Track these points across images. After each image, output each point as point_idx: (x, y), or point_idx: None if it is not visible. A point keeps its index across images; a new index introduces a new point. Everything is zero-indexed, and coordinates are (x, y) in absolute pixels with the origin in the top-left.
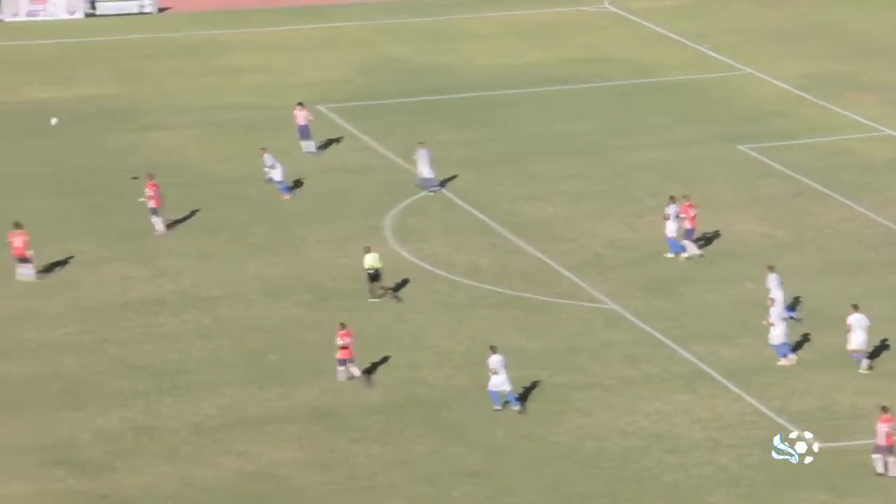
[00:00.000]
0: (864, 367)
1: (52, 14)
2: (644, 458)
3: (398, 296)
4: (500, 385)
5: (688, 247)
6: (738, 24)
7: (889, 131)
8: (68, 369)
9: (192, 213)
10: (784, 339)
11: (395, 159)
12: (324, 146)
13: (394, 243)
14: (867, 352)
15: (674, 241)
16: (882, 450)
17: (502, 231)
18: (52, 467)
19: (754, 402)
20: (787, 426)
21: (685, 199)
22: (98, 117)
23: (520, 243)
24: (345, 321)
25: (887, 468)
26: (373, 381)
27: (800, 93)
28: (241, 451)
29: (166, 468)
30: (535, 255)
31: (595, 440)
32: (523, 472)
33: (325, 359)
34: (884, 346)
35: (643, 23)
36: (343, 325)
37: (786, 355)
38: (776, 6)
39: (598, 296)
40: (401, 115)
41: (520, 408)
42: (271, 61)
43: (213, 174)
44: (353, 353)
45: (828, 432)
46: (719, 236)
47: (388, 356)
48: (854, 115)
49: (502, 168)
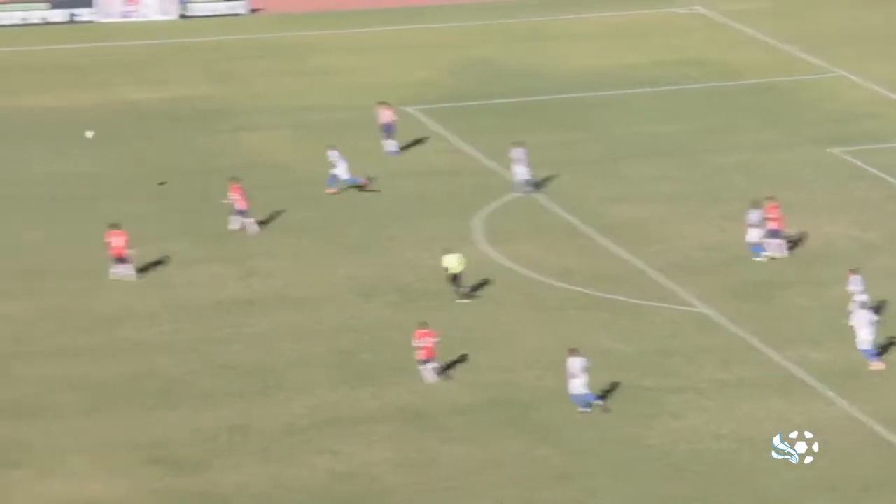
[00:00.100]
0: None
1: (145, 15)
2: (736, 462)
3: (475, 295)
4: (580, 388)
5: (770, 246)
6: (828, 25)
7: None
8: (163, 368)
9: (283, 214)
10: (871, 344)
11: (485, 161)
12: (413, 147)
13: (483, 244)
14: None
15: (757, 247)
16: None
17: (592, 233)
18: (148, 465)
19: (846, 407)
20: (880, 431)
21: (769, 200)
22: (190, 118)
23: (609, 245)
24: (434, 321)
25: None
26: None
27: (892, 95)
28: (332, 451)
29: (259, 467)
30: (625, 257)
31: (687, 444)
32: (613, 475)
33: (415, 359)
34: None
35: (733, 24)
36: (423, 325)
37: (875, 359)
38: (868, 7)
39: (689, 299)
40: (490, 117)
41: (602, 404)
42: (361, 62)
43: (304, 175)
44: (434, 354)
45: None
46: (810, 239)
47: (476, 357)
48: None
49: (592, 170)
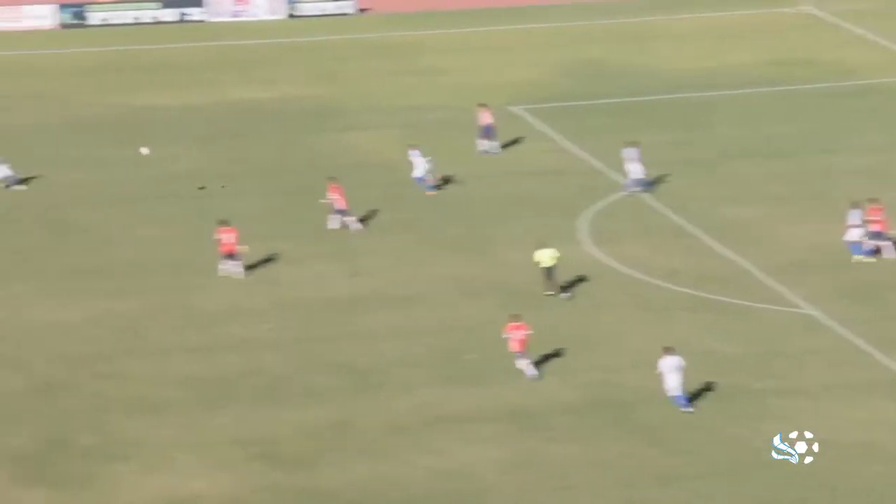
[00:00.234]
0: None
1: (255, 15)
2: (844, 466)
3: (566, 291)
4: (675, 389)
5: (868, 247)
6: None
7: None
8: (269, 365)
9: (388, 213)
10: None
11: (592, 161)
12: (518, 147)
13: (589, 245)
14: None
15: (855, 246)
16: None
17: (699, 233)
18: (253, 462)
19: None
20: None
21: (872, 202)
22: (298, 117)
23: (716, 246)
24: (539, 321)
25: None
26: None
27: None
28: (436, 450)
29: (363, 465)
30: (732, 258)
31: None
32: (720, 477)
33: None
34: None
35: (843, 24)
36: (515, 317)
37: None
38: None
39: (796, 300)
40: (597, 117)
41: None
42: (467, 62)
43: (409, 174)
44: (525, 346)
45: None
46: None
47: (581, 357)
48: None
49: (700, 170)
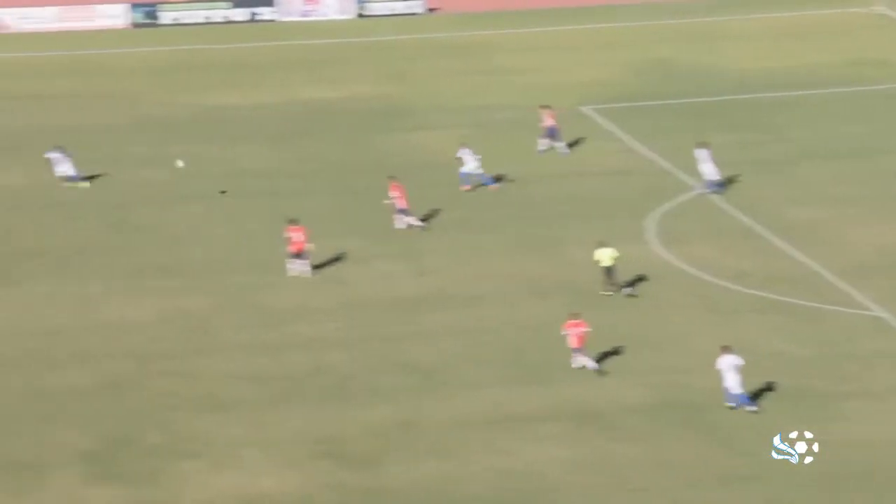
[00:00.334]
0: None
1: (325, 14)
2: None
3: (626, 291)
4: (735, 387)
5: None
6: None
7: None
8: (336, 364)
9: (455, 213)
10: None
11: (660, 161)
12: (586, 147)
13: (656, 245)
14: None
15: None
16: None
17: (768, 235)
18: (321, 460)
19: None
20: None
21: None
22: (367, 117)
23: (785, 247)
24: (606, 322)
25: None
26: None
27: None
28: (501, 449)
29: (430, 464)
30: (801, 259)
31: (862, 450)
32: (789, 480)
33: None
34: None
35: None
36: (575, 315)
37: None
38: None
39: (865, 302)
40: (666, 117)
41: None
42: (535, 62)
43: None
44: (583, 343)
45: None
46: None
47: (649, 357)
48: None
49: (769, 171)
